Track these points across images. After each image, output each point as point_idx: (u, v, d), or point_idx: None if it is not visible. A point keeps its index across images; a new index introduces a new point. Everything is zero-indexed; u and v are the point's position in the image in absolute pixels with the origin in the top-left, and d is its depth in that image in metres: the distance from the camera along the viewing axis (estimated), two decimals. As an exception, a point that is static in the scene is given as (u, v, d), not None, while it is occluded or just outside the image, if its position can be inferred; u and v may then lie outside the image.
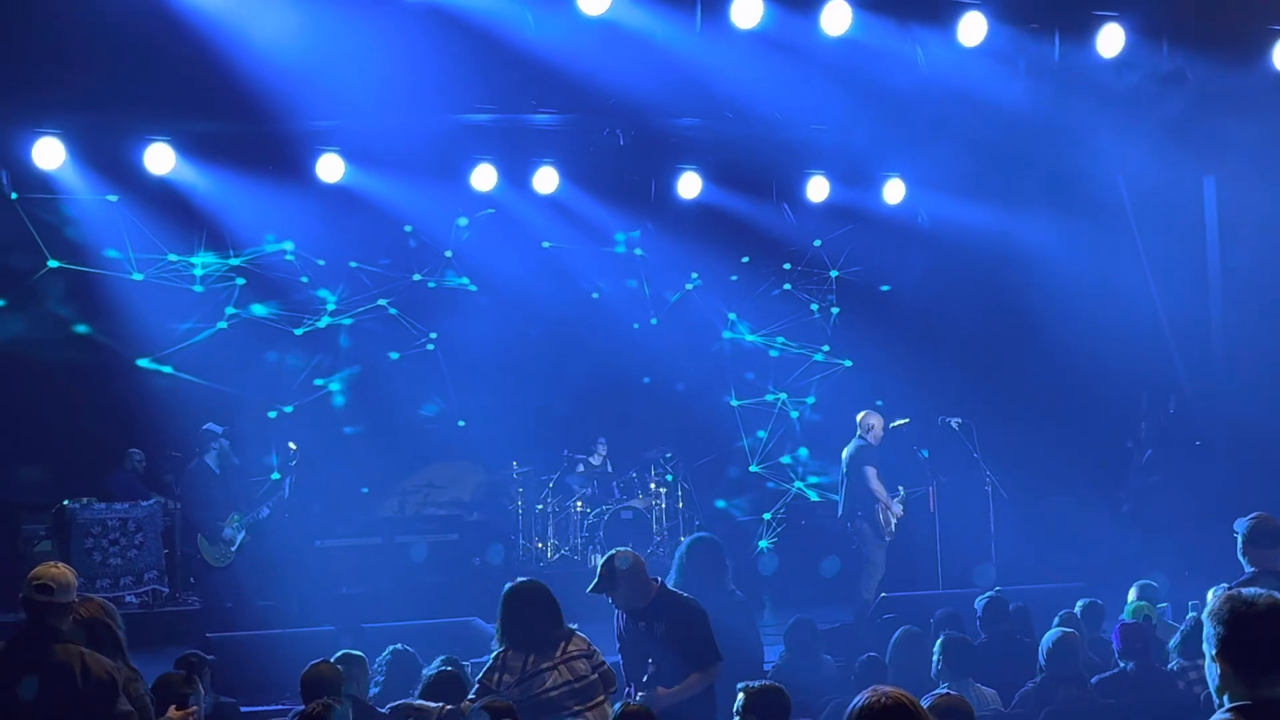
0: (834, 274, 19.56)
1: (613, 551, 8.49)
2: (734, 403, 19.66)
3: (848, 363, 19.58)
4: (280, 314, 18.01)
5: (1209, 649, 4.34)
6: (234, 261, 17.44)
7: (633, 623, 8.44)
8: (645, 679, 8.05)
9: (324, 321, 18.22)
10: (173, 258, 17.08)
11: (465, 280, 18.61)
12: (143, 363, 17.21)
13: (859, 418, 15.03)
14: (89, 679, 6.74)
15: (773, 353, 19.84)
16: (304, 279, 17.95)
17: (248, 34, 12.24)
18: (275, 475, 15.89)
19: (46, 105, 13.85)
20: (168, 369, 17.31)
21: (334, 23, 12.16)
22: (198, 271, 17.25)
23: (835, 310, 19.72)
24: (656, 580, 8.53)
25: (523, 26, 12.42)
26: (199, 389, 17.11)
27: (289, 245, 17.72)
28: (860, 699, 4.43)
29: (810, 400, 19.55)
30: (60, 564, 7.08)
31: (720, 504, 19.31)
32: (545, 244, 18.51)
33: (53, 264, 16.58)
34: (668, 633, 8.28)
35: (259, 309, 17.89)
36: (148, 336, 17.19)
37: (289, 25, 12.09)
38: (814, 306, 19.78)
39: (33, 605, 6.77)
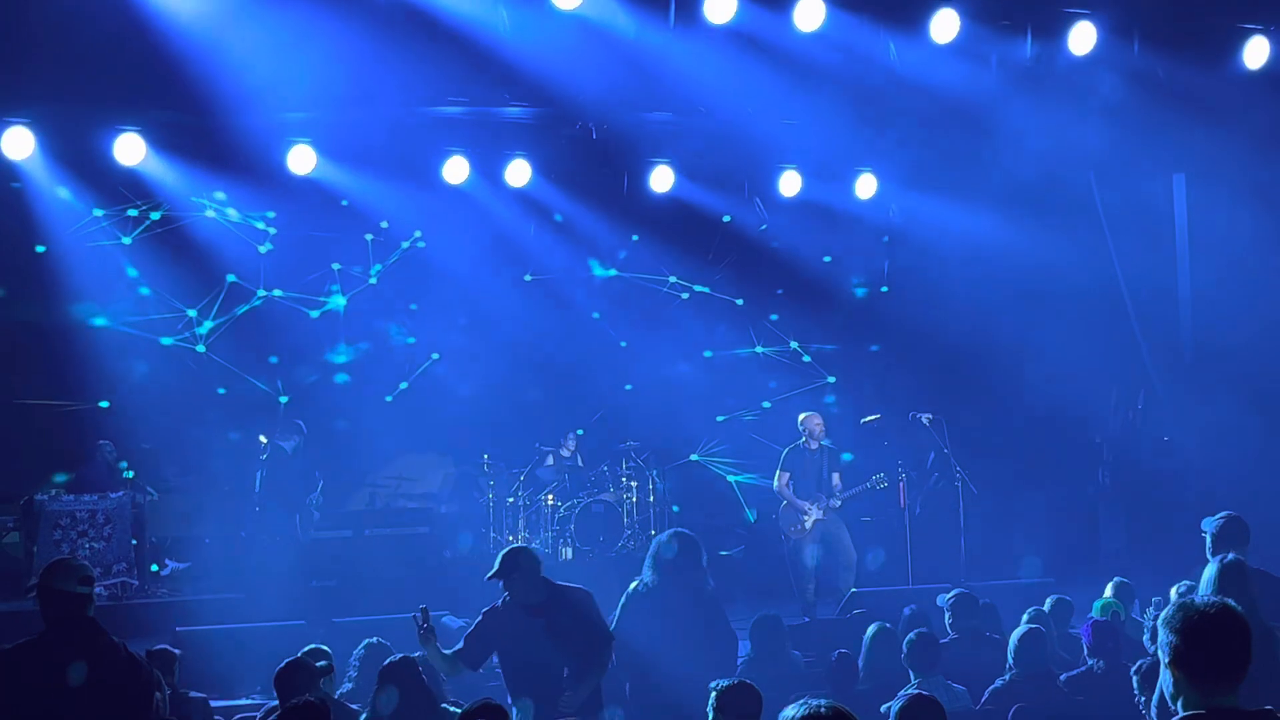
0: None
1: (513, 544, 8.54)
2: (719, 418, 19.78)
3: (830, 379, 19.71)
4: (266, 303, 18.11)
5: (1163, 656, 4.34)
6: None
7: (526, 618, 8.40)
8: (566, 686, 8.16)
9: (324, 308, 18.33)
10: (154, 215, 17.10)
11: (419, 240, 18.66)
12: (166, 341, 17.52)
13: (799, 419, 15.19)
14: (139, 668, 6.81)
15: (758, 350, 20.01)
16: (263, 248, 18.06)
17: (220, 27, 12.21)
18: (263, 456, 16.02)
19: (15, 94, 13.78)
20: (200, 348, 17.67)
21: (304, 15, 12.12)
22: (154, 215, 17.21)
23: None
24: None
25: (496, 20, 12.40)
26: (177, 375, 17.25)
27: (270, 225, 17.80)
28: (795, 710, 4.28)
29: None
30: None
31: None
32: (527, 278, 18.81)
33: (39, 249, 16.56)
34: (573, 622, 8.35)
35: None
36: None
37: (262, 20, 12.08)
38: (793, 344, 20.05)
39: (75, 597, 6.74)
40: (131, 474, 16.23)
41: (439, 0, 12.21)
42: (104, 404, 17.05)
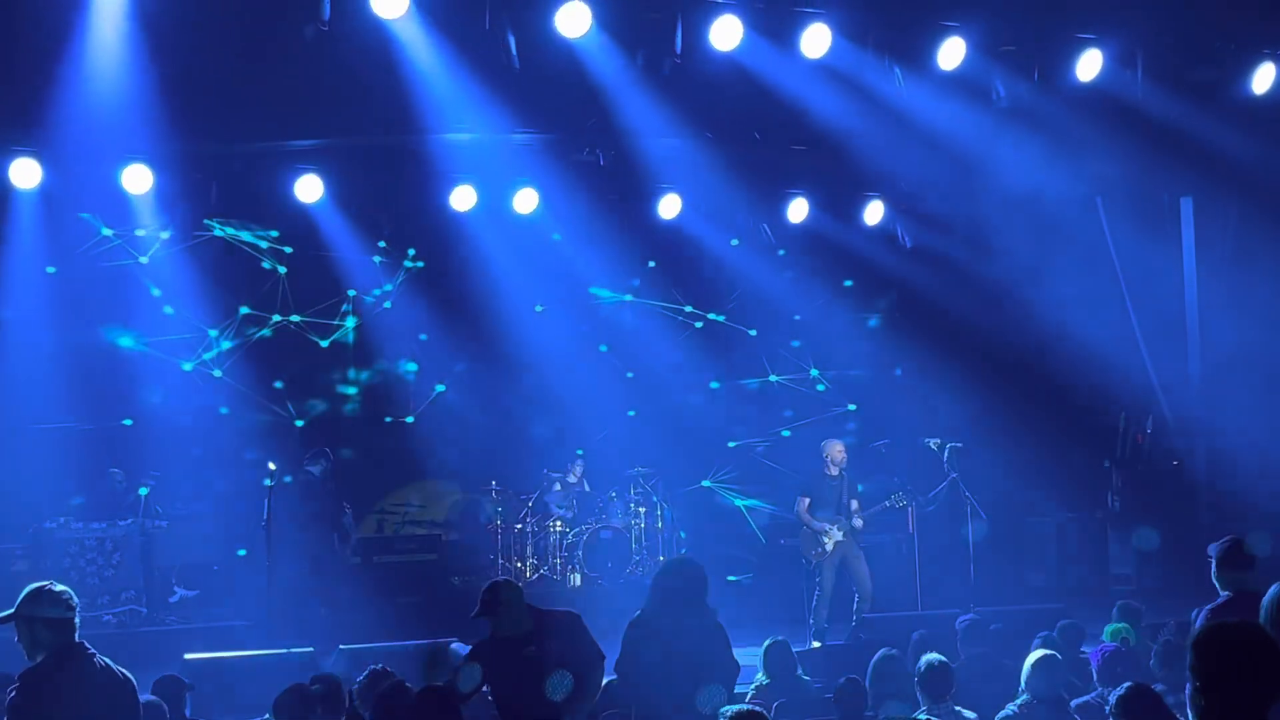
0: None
1: (494, 580, 8.61)
2: (731, 444, 19.80)
3: (851, 406, 19.72)
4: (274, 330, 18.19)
5: (1190, 679, 4.31)
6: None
7: (514, 649, 8.44)
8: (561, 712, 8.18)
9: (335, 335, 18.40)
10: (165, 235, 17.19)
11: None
12: (186, 366, 17.58)
13: (822, 445, 15.25)
14: (132, 688, 6.85)
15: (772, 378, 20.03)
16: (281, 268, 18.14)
17: (229, 55, 12.28)
18: (268, 482, 15.95)
19: (22, 125, 13.85)
20: (217, 373, 17.75)
21: (317, 43, 12.17)
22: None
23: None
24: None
25: (503, 47, 12.43)
26: (190, 400, 17.28)
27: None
28: None
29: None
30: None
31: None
32: (538, 308, 18.92)
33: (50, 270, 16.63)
34: (563, 649, 8.40)
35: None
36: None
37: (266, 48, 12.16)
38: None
39: (65, 623, 6.79)
40: (145, 490, 16.24)
41: (446, 27, 12.25)
42: (128, 421, 17.09)
